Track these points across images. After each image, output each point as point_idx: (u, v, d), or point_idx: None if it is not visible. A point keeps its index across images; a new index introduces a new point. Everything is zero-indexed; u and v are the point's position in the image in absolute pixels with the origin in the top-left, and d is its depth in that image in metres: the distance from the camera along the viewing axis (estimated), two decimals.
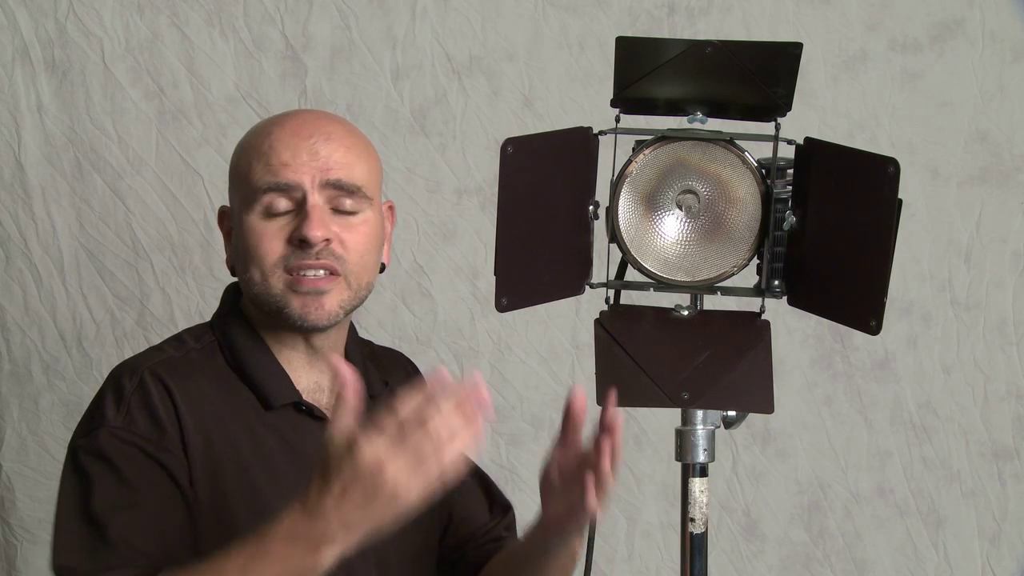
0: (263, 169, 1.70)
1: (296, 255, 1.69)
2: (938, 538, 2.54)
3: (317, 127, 1.74)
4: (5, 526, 2.51)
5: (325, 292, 1.70)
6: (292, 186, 1.69)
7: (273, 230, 1.70)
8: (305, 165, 1.70)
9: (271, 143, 1.71)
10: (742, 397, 1.64)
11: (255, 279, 1.71)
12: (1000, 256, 2.53)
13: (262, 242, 1.70)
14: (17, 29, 2.48)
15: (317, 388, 1.78)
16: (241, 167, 1.74)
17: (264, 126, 1.77)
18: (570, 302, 1.86)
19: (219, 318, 1.79)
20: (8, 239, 2.49)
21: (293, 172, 1.69)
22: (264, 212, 1.70)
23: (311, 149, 1.71)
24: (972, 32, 2.50)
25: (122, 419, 1.65)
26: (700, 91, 1.63)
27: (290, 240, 1.69)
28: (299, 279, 1.69)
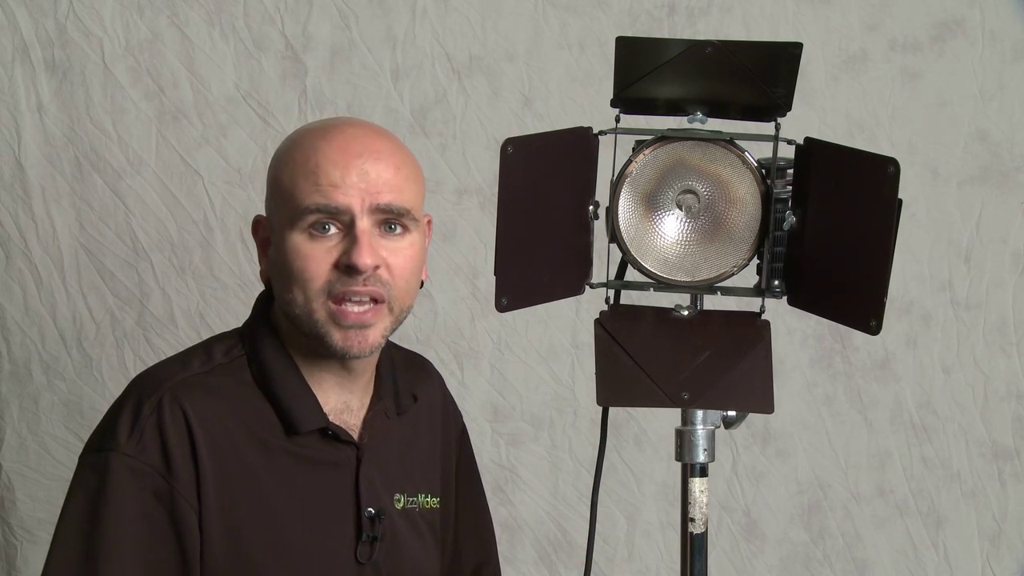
0: (311, 188, 1.64)
1: (342, 281, 1.64)
2: (938, 538, 2.54)
3: (367, 145, 1.68)
4: (5, 526, 2.51)
5: (369, 326, 1.66)
6: (341, 210, 1.64)
7: (319, 253, 1.64)
8: (354, 187, 1.64)
9: (318, 161, 1.65)
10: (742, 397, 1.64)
11: (297, 301, 1.65)
12: (1000, 256, 2.53)
13: (308, 265, 1.64)
14: (17, 29, 2.48)
15: (345, 408, 1.73)
16: (284, 181, 1.67)
17: (310, 139, 1.69)
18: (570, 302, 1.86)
19: (250, 329, 1.74)
20: (8, 239, 2.49)
21: (343, 195, 1.64)
22: (310, 232, 1.65)
23: (361, 170, 1.65)
24: (972, 32, 2.50)
25: (134, 446, 1.61)
26: (700, 91, 1.63)
27: (336, 265, 1.64)
28: (343, 312, 1.64)
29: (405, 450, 1.81)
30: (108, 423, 1.66)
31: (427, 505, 1.82)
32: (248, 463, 1.65)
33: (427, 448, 1.85)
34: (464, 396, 2.54)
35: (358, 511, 1.71)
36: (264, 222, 1.73)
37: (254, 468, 1.66)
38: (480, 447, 2.54)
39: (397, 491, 1.77)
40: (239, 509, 1.65)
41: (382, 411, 1.77)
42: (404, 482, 1.79)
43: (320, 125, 1.73)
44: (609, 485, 2.52)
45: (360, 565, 1.70)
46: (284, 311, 1.69)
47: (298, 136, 1.72)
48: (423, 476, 1.82)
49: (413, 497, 1.79)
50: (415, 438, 1.83)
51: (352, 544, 1.70)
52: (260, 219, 1.74)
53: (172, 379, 1.67)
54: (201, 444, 1.63)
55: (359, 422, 1.74)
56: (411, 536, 1.78)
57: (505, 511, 2.49)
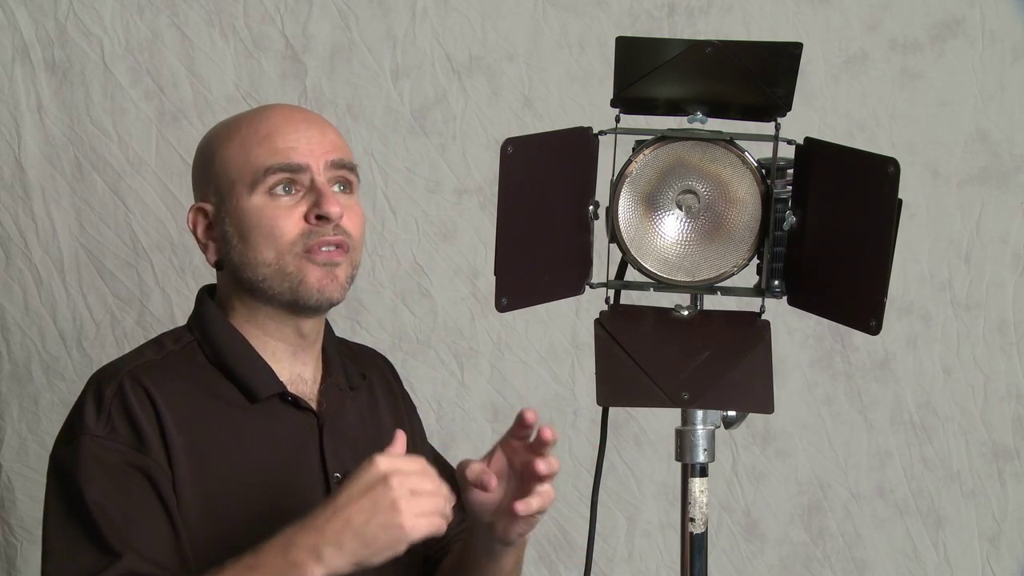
0: (267, 152, 1.72)
1: (314, 232, 1.71)
2: (938, 538, 2.54)
3: (306, 114, 1.80)
4: (5, 526, 2.51)
5: (339, 264, 1.73)
6: (302, 167, 1.72)
7: (287, 208, 1.72)
8: (309, 147, 1.73)
9: (269, 129, 1.74)
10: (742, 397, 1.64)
11: (267, 259, 1.71)
12: (1000, 256, 2.53)
13: (277, 221, 1.71)
14: (17, 29, 2.48)
15: (299, 379, 1.79)
16: (233, 155, 1.75)
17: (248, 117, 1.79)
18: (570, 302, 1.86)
19: (196, 318, 1.80)
20: (8, 239, 2.49)
21: (300, 155, 1.73)
22: (271, 194, 1.72)
23: (309, 133, 1.74)
24: (972, 32, 2.50)
25: (103, 427, 1.65)
26: (700, 91, 1.63)
27: (306, 218, 1.72)
28: (315, 251, 1.71)
29: (367, 423, 1.85)
30: (73, 416, 1.69)
31: None
32: (214, 432, 1.69)
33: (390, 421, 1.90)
34: (464, 396, 2.54)
35: (325, 476, 1.75)
36: (203, 208, 1.78)
37: (220, 437, 1.70)
38: (480, 447, 2.53)
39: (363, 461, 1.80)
40: (211, 477, 1.68)
41: (335, 384, 1.82)
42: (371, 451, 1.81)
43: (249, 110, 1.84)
44: (609, 485, 2.52)
45: None
46: (248, 277, 1.74)
47: (232, 120, 1.81)
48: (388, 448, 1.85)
49: None
50: (376, 409, 1.89)
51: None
52: (199, 207, 1.79)
53: (128, 366, 1.72)
54: (167, 417, 1.67)
55: (314, 394, 1.80)
56: None
57: None
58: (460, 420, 2.54)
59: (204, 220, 1.78)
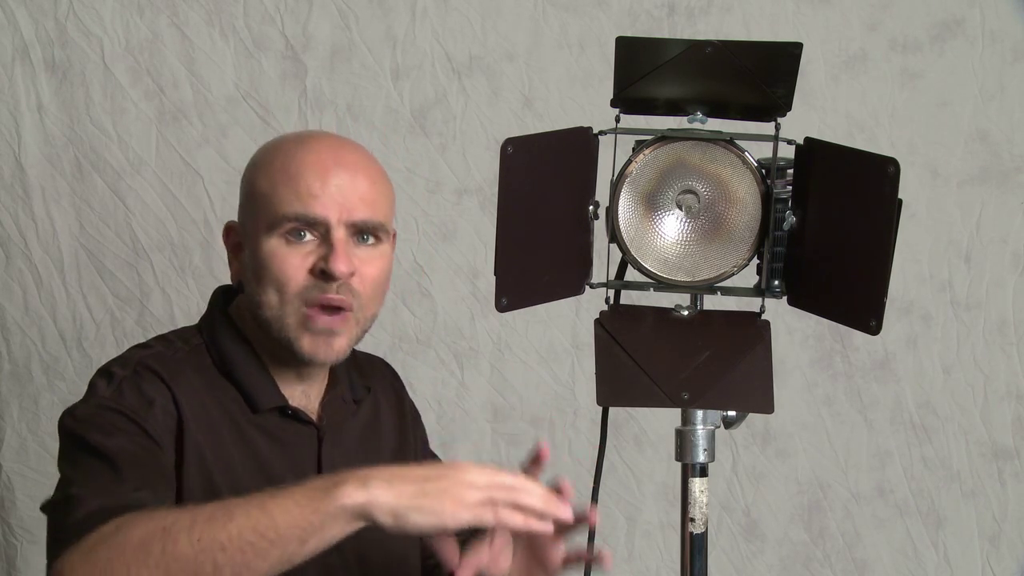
0: (290, 196, 1.69)
1: (318, 287, 1.69)
2: (938, 538, 2.54)
3: (343, 157, 1.73)
4: (5, 526, 2.51)
5: (338, 334, 1.71)
6: (318, 220, 1.69)
7: (297, 258, 1.69)
8: (332, 199, 1.69)
9: (298, 168, 1.70)
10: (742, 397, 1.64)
11: (271, 303, 1.70)
12: (1000, 256, 2.53)
13: (285, 268, 1.69)
14: (17, 29, 2.48)
15: (304, 396, 1.78)
16: (262, 188, 1.72)
17: (287, 146, 1.75)
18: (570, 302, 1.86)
19: (207, 322, 1.79)
20: (8, 239, 2.49)
21: (321, 207, 1.69)
22: (286, 238, 1.70)
23: (339, 183, 1.70)
24: (972, 32, 2.50)
25: (111, 393, 1.65)
26: (700, 91, 1.63)
27: (312, 270, 1.69)
28: (314, 317, 1.69)
29: (369, 435, 1.85)
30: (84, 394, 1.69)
31: None
32: (219, 433, 1.69)
33: (393, 434, 1.89)
34: (464, 396, 2.54)
35: None
36: (236, 227, 1.78)
37: (224, 439, 1.70)
38: (480, 447, 2.54)
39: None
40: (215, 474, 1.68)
41: (339, 397, 1.81)
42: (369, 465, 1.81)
43: (297, 134, 1.79)
44: (609, 485, 2.52)
45: None
46: (255, 313, 1.73)
47: (275, 144, 1.77)
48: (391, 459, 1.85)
49: None
50: (379, 425, 1.88)
51: None
52: (232, 224, 1.80)
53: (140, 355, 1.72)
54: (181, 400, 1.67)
55: (317, 406, 1.79)
56: None
57: None
58: (460, 420, 2.54)
59: (235, 238, 1.78)
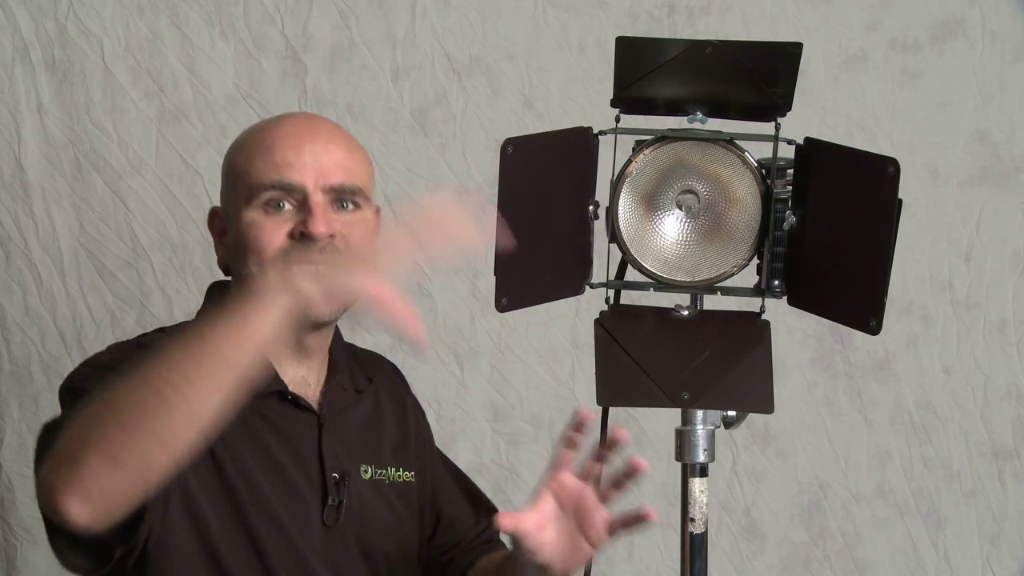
0: (266, 166, 1.72)
1: (298, 249, 1.70)
2: (938, 538, 2.54)
3: (318, 127, 1.78)
4: (5, 526, 2.51)
5: None
6: (295, 187, 1.72)
7: (274, 225, 1.72)
8: (308, 166, 1.72)
9: (272, 140, 1.74)
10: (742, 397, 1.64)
11: (252, 273, 1.72)
12: (1000, 256, 2.53)
13: (262, 235, 1.71)
14: (17, 29, 2.48)
15: (303, 383, 1.79)
16: (239, 164, 1.76)
17: (262, 125, 1.80)
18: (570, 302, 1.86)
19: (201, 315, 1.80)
20: (8, 239, 2.49)
21: (297, 173, 1.72)
22: (264, 208, 1.72)
23: (313, 150, 1.73)
24: (972, 32, 2.50)
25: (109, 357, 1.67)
26: (700, 91, 1.63)
27: (291, 234, 1.71)
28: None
29: (370, 425, 1.86)
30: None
31: (399, 478, 1.86)
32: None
33: (394, 428, 1.90)
34: (464, 396, 2.54)
35: (323, 475, 1.75)
36: (220, 212, 1.81)
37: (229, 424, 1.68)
38: (480, 447, 2.54)
39: (363, 463, 1.82)
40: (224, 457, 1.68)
41: (339, 385, 1.82)
42: (371, 455, 1.83)
43: (277, 116, 1.84)
44: None
45: (327, 528, 1.75)
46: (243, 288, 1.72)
47: (253, 126, 1.82)
48: (392, 451, 1.86)
49: (383, 469, 1.84)
50: (380, 417, 1.89)
51: (319, 508, 1.75)
52: (215, 210, 1.82)
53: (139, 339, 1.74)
54: None
55: (317, 395, 1.80)
56: (381, 506, 1.82)
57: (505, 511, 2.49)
58: (460, 420, 2.54)
59: (219, 223, 1.80)
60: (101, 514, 1.42)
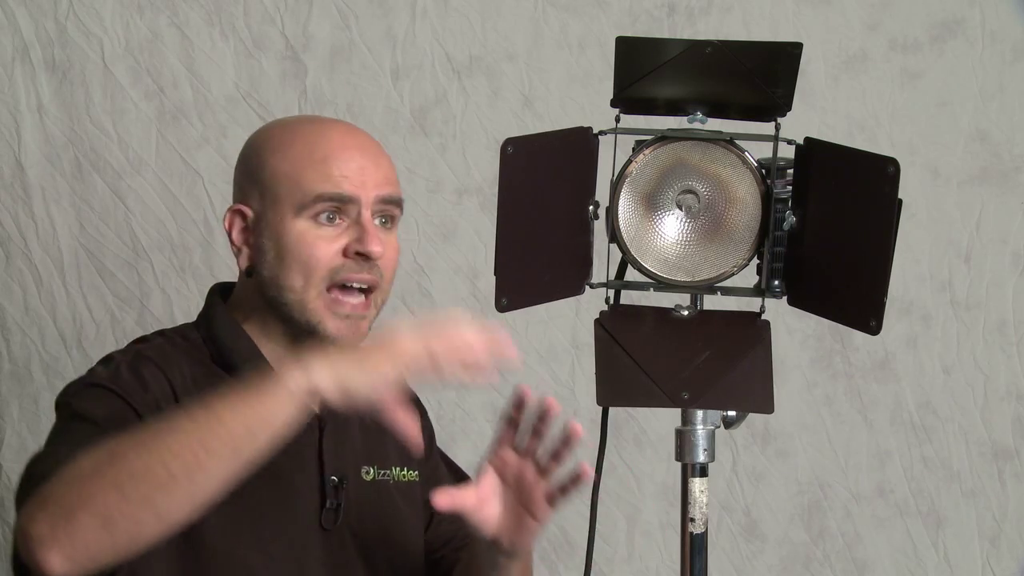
0: (320, 177, 1.70)
1: (348, 267, 1.70)
2: (938, 538, 2.53)
3: (367, 142, 1.76)
4: (5, 526, 2.51)
5: (364, 318, 1.73)
6: (352, 199, 1.71)
7: (327, 240, 1.71)
8: (365, 181, 1.71)
9: (326, 152, 1.72)
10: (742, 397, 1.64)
11: (295, 286, 1.70)
12: (1000, 256, 2.53)
13: (315, 250, 1.70)
14: (17, 29, 2.48)
15: None
16: (284, 170, 1.72)
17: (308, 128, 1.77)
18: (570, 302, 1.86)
19: (204, 318, 1.79)
20: (8, 239, 2.49)
21: (353, 186, 1.71)
22: (316, 220, 1.71)
23: (364, 163, 1.72)
24: (972, 32, 2.50)
25: (108, 375, 1.66)
26: (700, 91, 1.63)
27: (345, 252, 1.70)
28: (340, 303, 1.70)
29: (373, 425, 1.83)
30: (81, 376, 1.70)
31: (403, 478, 1.86)
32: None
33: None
34: (464, 396, 2.54)
35: (321, 478, 1.74)
36: (246, 211, 1.75)
37: None
38: (480, 447, 2.53)
39: (365, 463, 1.81)
40: None
41: None
42: (373, 455, 1.83)
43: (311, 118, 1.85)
44: (609, 485, 2.52)
45: (325, 532, 1.74)
46: (273, 296, 1.72)
47: (286, 128, 1.78)
48: (397, 451, 1.85)
49: (386, 470, 1.84)
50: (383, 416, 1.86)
51: (317, 511, 1.74)
52: (239, 209, 1.76)
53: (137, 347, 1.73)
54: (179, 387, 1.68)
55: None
56: (384, 507, 1.82)
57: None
58: (460, 420, 2.54)
59: (241, 223, 1.76)
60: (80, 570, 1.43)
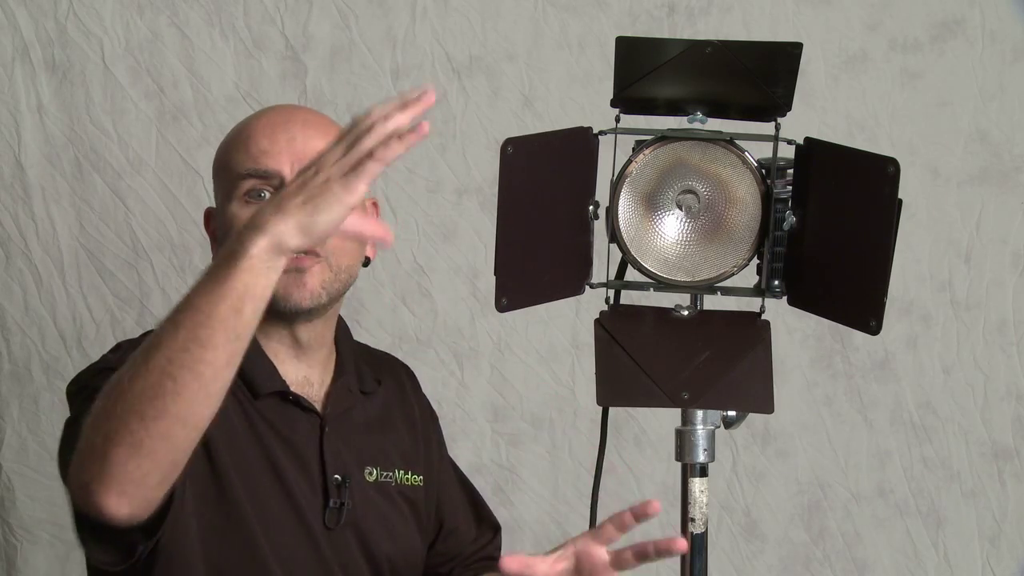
0: (243, 156, 1.73)
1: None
2: (938, 538, 2.54)
3: (294, 115, 1.78)
4: (5, 526, 2.51)
5: (305, 270, 1.70)
6: (271, 173, 1.71)
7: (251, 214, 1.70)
8: (283, 152, 1.72)
9: (249, 132, 1.75)
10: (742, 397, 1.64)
11: None
12: (1000, 256, 2.53)
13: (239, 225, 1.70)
14: (17, 29, 2.48)
15: (306, 382, 1.78)
16: (222, 160, 1.78)
17: (244, 120, 1.81)
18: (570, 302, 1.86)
19: None
20: (8, 239, 2.49)
21: (271, 159, 1.72)
22: (245, 200, 1.72)
23: (289, 136, 1.73)
24: (972, 32, 2.50)
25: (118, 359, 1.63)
26: (700, 91, 1.63)
27: None
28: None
29: (377, 427, 1.85)
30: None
31: (407, 481, 1.85)
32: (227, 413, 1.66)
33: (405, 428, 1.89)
34: (464, 396, 2.54)
35: (324, 477, 1.74)
36: (213, 212, 1.81)
37: (232, 421, 1.69)
38: (480, 447, 2.54)
39: (368, 464, 1.81)
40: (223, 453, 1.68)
41: (344, 386, 1.81)
42: (377, 457, 1.83)
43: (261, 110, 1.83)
44: (609, 485, 2.51)
45: (329, 531, 1.74)
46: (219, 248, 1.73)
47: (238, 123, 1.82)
48: (400, 453, 1.86)
49: (389, 472, 1.83)
50: (389, 419, 1.88)
51: (320, 510, 1.74)
52: (210, 210, 1.82)
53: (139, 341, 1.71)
54: None
55: (321, 395, 1.79)
56: (387, 508, 1.82)
57: (505, 511, 2.49)
58: (460, 420, 2.54)
59: (213, 223, 1.80)
60: (139, 503, 1.43)
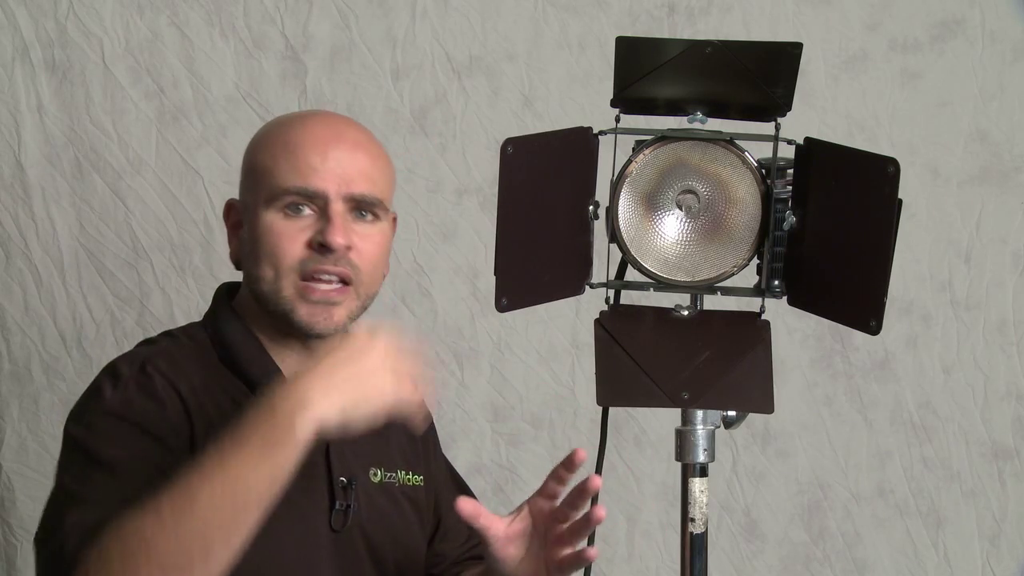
0: (290, 169, 1.71)
1: (314, 259, 1.70)
2: (938, 538, 2.54)
3: (344, 133, 1.75)
4: (5, 526, 2.51)
5: (336, 303, 1.71)
6: (317, 194, 1.70)
7: (293, 231, 1.70)
8: (331, 173, 1.70)
9: (298, 142, 1.72)
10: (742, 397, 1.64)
11: (267, 277, 1.71)
12: (1000, 256, 2.53)
13: (281, 241, 1.70)
14: (17, 29, 2.48)
15: None
16: (263, 162, 1.74)
17: (290, 122, 1.77)
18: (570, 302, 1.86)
19: (211, 316, 1.80)
20: (8, 239, 2.49)
21: (320, 179, 1.70)
22: (285, 212, 1.71)
23: (338, 157, 1.71)
24: (972, 32, 2.50)
25: (119, 400, 1.65)
26: (700, 91, 1.63)
27: (310, 244, 1.70)
28: (311, 289, 1.70)
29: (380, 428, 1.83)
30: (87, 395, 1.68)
31: (409, 481, 1.86)
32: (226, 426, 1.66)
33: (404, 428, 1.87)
34: (464, 396, 2.54)
35: (330, 480, 1.74)
36: (237, 205, 1.79)
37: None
38: (480, 447, 2.54)
39: (373, 466, 1.82)
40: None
41: None
42: (380, 458, 1.83)
43: (300, 112, 1.84)
44: (609, 485, 2.52)
45: (335, 533, 1.74)
46: (252, 288, 1.74)
47: (278, 121, 1.80)
48: (402, 454, 1.86)
49: (392, 472, 1.84)
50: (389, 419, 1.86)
51: (327, 513, 1.74)
52: (233, 202, 1.81)
53: (146, 351, 1.72)
54: (188, 398, 1.67)
55: None
56: (391, 509, 1.82)
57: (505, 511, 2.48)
58: (460, 420, 2.54)
59: (235, 216, 1.79)
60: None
